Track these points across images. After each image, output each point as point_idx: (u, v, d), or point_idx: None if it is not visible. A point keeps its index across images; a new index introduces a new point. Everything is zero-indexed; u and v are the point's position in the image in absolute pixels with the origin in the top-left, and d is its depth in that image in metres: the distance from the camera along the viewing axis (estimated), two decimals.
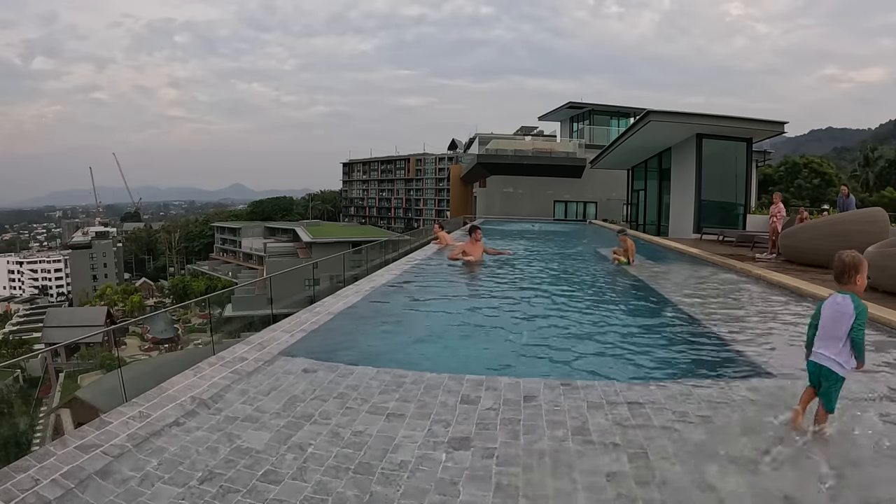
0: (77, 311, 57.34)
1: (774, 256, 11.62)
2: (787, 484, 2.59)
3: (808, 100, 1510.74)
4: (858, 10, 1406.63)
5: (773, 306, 6.85)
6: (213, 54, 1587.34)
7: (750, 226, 17.23)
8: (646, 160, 22.99)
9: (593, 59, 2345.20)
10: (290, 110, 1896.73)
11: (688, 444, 3.02)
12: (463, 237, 16.92)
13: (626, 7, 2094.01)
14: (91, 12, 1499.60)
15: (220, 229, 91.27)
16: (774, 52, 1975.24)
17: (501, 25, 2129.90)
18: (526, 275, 9.89)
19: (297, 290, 9.10)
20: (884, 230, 9.50)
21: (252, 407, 3.62)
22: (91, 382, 22.26)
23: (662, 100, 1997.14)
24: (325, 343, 5.20)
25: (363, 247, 14.06)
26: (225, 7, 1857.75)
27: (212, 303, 10.10)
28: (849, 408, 3.36)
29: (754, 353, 4.73)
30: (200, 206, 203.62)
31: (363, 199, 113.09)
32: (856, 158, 60.45)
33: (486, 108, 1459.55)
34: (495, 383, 3.99)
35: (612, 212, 29.56)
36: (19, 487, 2.60)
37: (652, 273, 9.68)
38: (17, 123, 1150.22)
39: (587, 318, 6.33)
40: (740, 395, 3.76)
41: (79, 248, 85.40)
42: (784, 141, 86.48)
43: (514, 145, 32.89)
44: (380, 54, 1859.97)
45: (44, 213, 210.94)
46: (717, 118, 17.11)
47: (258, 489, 2.63)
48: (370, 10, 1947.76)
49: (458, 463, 2.86)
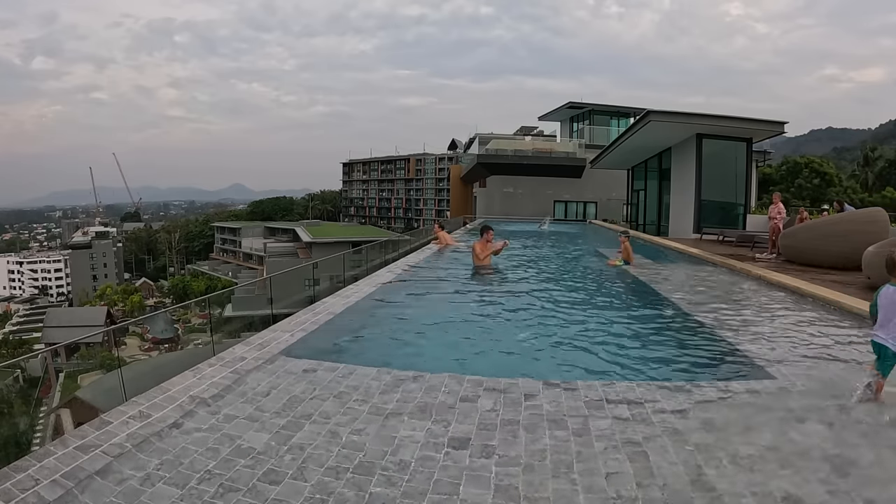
0: (77, 311, 57.34)
1: (774, 256, 11.62)
2: (785, 483, 2.59)
3: (808, 100, 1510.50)
4: (858, 10, 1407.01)
5: (773, 306, 6.85)
6: (213, 54, 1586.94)
7: (750, 226, 17.23)
8: (646, 160, 22.98)
9: (593, 59, 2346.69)
10: (290, 110, 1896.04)
11: (688, 444, 3.02)
12: (463, 237, 16.92)
13: (626, 7, 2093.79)
14: (91, 12, 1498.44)
15: (220, 229, 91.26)
16: (774, 52, 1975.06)
17: (501, 25, 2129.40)
18: (526, 275, 9.89)
19: (297, 290, 9.09)
20: (884, 230, 9.50)
21: (252, 407, 3.62)
22: (91, 382, 22.26)
23: (662, 100, 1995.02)
24: (325, 343, 5.20)
25: (363, 247, 14.05)
26: (225, 7, 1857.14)
27: (212, 303, 10.10)
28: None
29: (754, 354, 4.73)
30: (200, 206, 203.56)
31: (363, 199, 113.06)
32: (856, 158, 60.42)
33: (486, 108, 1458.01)
34: (495, 383, 3.99)
35: (612, 212, 29.54)
36: (19, 487, 2.60)
37: (652, 273, 9.67)
38: (17, 123, 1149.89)
39: (587, 318, 6.33)
40: (740, 395, 3.76)
41: (79, 248, 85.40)
42: (784, 141, 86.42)
43: (514, 145, 32.88)
44: (379, 54, 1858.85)
45: (44, 213, 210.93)
46: (717, 118, 17.11)
47: (258, 489, 2.63)
48: (370, 10, 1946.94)
49: (458, 463, 2.86)
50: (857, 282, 7.89)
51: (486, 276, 9.32)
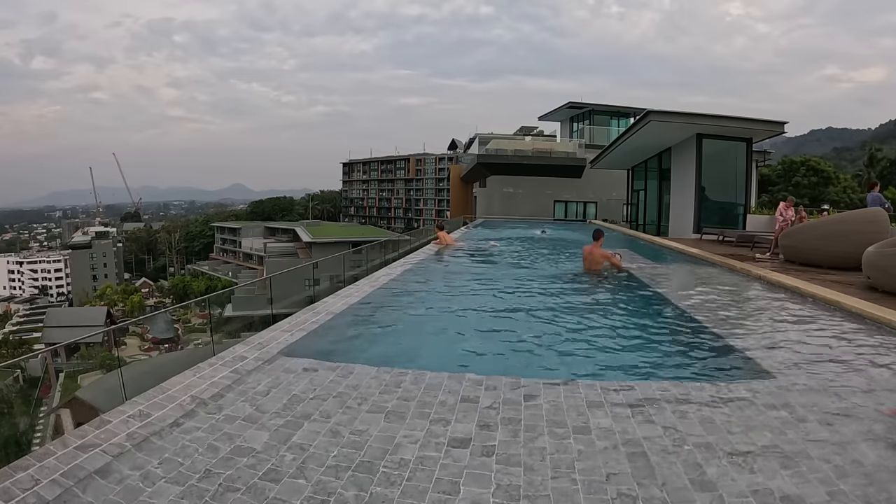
0: (77, 311, 57.31)
1: (772, 256, 11.62)
2: (785, 483, 2.59)
3: (808, 100, 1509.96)
4: (858, 10, 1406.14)
5: (773, 306, 6.85)
6: (213, 54, 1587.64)
7: (750, 226, 17.22)
8: (646, 160, 22.97)
9: (593, 59, 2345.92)
10: (290, 110, 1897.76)
11: (688, 444, 3.02)
12: (464, 237, 16.92)
13: (626, 7, 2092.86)
14: (90, 12, 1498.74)
15: (220, 229, 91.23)
16: (775, 52, 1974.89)
17: (501, 25, 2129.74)
18: (526, 275, 9.89)
19: (297, 290, 9.08)
20: (884, 230, 9.49)
21: (252, 406, 3.62)
22: (91, 382, 22.24)
23: (662, 100, 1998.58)
24: (325, 343, 5.20)
25: (363, 247, 14.03)
26: (224, 7, 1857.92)
27: (212, 303, 10.06)
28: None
29: (754, 354, 4.73)
30: (200, 206, 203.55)
31: (363, 199, 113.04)
32: (856, 158, 60.47)
33: (486, 108, 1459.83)
34: (495, 383, 3.99)
35: (613, 212, 29.52)
36: (19, 486, 2.60)
37: (652, 274, 9.67)
38: (17, 123, 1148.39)
39: (587, 318, 6.32)
40: (740, 395, 3.75)
41: (79, 248, 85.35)
42: (784, 141, 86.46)
43: (514, 145, 32.84)
44: (379, 54, 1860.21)
45: (44, 213, 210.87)
46: (717, 118, 17.09)
47: (258, 488, 2.63)
48: (370, 9, 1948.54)
49: (458, 462, 2.86)
50: (857, 282, 7.88)
51: (487, 276, 9.33)
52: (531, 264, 11.62)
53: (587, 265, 9.77)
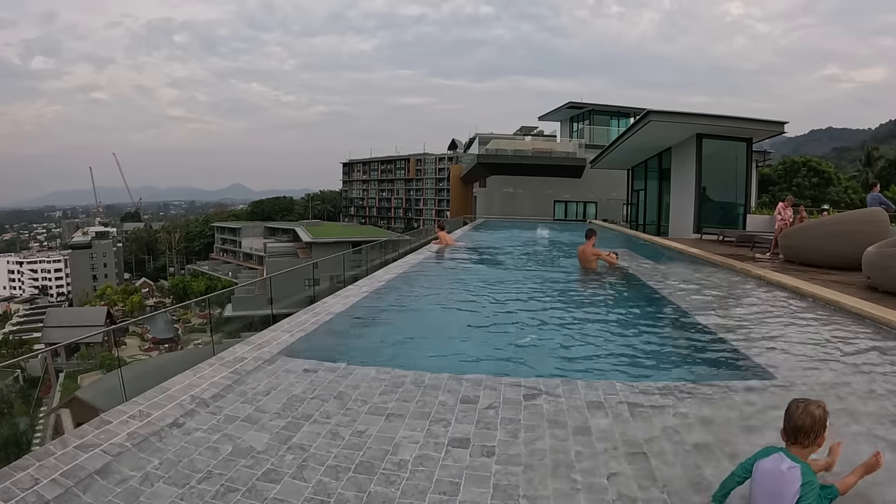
0: (77, 311, 57.27)
1: (771, 256, 11.61)
2: None
3: (808, 100, 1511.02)
4: (859, 10, 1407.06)
5: (772, 306, 6.84)
6: (213, 54, 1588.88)
7: (750, 226, 17.21)
8: (646, 160, 22.96)
9: (593, 58, 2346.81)
10: (290, 110, 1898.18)
11: (687, 445, 3.02)
12: (464, 237, 16.91)
13: (626, 7, 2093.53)
14: (90, 12, 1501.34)
15: (220, 229, 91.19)
16: (775, 51, 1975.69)
17: (501, 25, 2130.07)
18: (526, 275, 9.89)
19: (297, 290, 9.08)
20: (884, 230, 9.48)
21: (252, 407, 3.62)
22: (91, 382, 22.20)
23: (662, 100, 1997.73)
24: (325, 343, 5.20)
25: (363, 247, 14.04)
26: (224, 7, 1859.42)
27: (212, 303, 10.06)
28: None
29: (754, 354, 4.72)
30: (200, 206, 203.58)
31: (363, 199, 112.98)
32: (856, 158, 60.50)
33: (486, 108, 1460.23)
34: (495, 383, 3.99)
35: (612, 212, 29.52)
36: (19, 486, 2.60)
37: (652, 273, 9.67)
38: (17, 123, 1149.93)
39: (587, 318, 6.32)
40: (740, 394, 3.75)
41: (79, 248, 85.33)
42: (784, 141, 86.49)
43: (514, 145, 32.85)
44: (379, 54, 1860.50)
45: (44, 213, 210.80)
46: (717, 118, 17.08)
47: (258, 489, 2.63)
48: (369, 9, 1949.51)
49: (458, 462, 2.86)
50: (857, 282, 7.88)
51: (487, 276, 9.32)
52: (531, 264, 11.62)
53: (582, 264, 9.95)
